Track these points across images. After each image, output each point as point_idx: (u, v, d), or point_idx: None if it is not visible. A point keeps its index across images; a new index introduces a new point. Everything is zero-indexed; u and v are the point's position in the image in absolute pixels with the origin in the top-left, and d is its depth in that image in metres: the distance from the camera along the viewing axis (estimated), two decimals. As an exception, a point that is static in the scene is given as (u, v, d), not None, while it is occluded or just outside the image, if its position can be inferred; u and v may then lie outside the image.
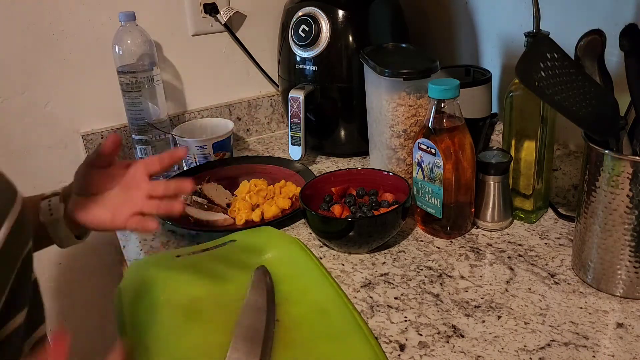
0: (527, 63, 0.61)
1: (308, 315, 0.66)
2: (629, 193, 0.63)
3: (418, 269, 0.76)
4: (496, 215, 0.82)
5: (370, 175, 0.89)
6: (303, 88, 1.03)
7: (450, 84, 0.76)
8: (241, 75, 1.23)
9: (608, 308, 0.66)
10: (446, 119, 0.78)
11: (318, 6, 1.02)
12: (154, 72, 1.03)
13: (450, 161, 0.77)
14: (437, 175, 0.78)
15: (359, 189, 0.87)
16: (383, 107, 0.90)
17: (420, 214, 0.84)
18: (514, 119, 0.81)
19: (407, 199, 0.79)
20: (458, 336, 0.63)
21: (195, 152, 1.04)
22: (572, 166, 0.87)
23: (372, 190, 0.86)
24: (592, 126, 0.64)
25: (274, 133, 1.28)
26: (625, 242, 0.65)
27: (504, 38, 0.99)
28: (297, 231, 0.87)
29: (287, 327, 0.64)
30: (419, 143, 0.80)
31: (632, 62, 0.62)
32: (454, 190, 0.79)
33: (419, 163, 0.81)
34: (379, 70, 0.87)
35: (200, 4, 1.13)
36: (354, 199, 0.85)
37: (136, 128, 1.04)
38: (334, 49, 1.01)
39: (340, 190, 0.88)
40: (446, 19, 1.11)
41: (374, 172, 0.90)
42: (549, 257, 0.76)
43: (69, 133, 1.10)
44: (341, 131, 1.09)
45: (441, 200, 0.79)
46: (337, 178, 0.89)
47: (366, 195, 0.87)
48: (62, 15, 1.03)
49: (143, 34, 1.03)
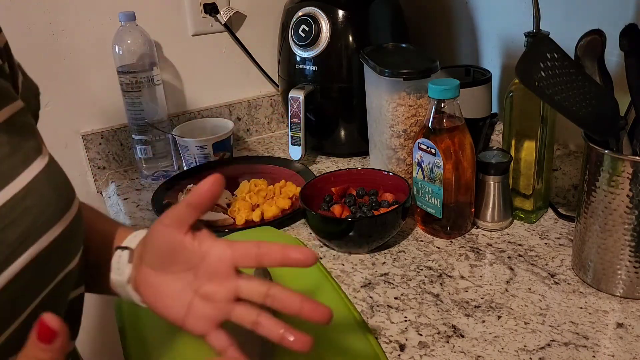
0: (527, 63, 0.61)
1: None
2: (629, 193, 0.63)
3: (418, 269, 0.76)
4: (496, 215, 0.82)
5: (370, 175, 0.89)
6: (303, 88, 1.03)
7: (450, 84, 0.76)
8: (241, 75, 1.23)
9: (608, 308, 0.66)
10: (446, 119, 0.78)
11: (318, 6, 1.02)
12: (154, 72, 1.03)
13: (450, 161, 0.77)
14: (437, 175, 0.78)
15: (359, 189, 0.87)
16: (383, 107, 0.90)
17: (420, 214, 0.84)
18: (514, 119, 0.81)
19: (407, 199, 0.79)
20: (458, 336, 0.63)
21: (195, 152, 1.04)
22: (572, 166, 0.87)
23: (372, 190, 0.86)
24: (592, 126, 0.64)
25: (274, 133, 1.28)
26: (626, 242, 0.65)
27: (504, 38, 0.99)
28: (297, 231, 0.87)
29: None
30: (419, 143, 0.80)
31: (632, 62, 0.62)
32: (454, 190, 0.79)
33: (419, 163, 0.81)
34: (379, 70, 0.87)
35: (200, 4, 1.13)
36: (354, 199, 0.85)
37: (136, 128, 1.04)
38: (334, 49, 1.01)
39: (340, 190, 0.88)
40: (446, 19, 1.11)
41: (374, 172, 0.90)
42: (549, 257, 0.76)
43: (69, 133, 1.10)
44: (341, 131, 1.09)
45: (441, 200, 0.79)
46: (337, 178, 0.89)
47: (366, 195, 0.87)
48: (62, 15, 1.03)
49: (143, 34, 1.02)
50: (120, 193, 1.04)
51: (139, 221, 0.93)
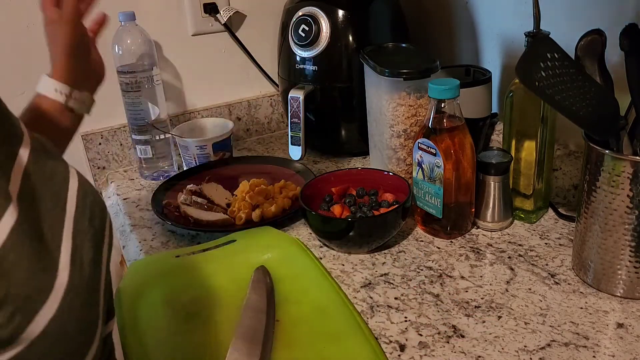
0: (527, 63, 0.61)
1: (308, 315, 0.66)
2: (629, 193, 0.63)
3: (418, 269, 0.76)
4: (496, 215, 0.82)
5: (370, 175, 0.89)
6: (303, 88, 1.03)
7: (451, 84, 0.76)
8: (241, 75, 1.23)
9: (608, 308, 0.66)
10: (446, 118, 0.78)
11: (318, 6, 1.02)
12: (153, 72, 1.03)
13: (451, 161, 0.77)
14: (437, 175, 0.78)
15: (359, 189, 0.87)
16: (383, 107, 0.90)
17: (421, 214, 0.84)
18: (515, 119, 0.81)
19: (407, 198, 0.79)
20: (458, 336, 0.63)
21: (195, 152, 1.04)
22: (572, 166, 0.87)
23: (372, 191, 0.86)
24: (592, 126, 0.64)
25: (274, 133, 1.28)
26: (626, 242, 0.65)
27: (504, 38, 0.99)
28: (297, 231, 0.87)
29: (287, 327, 0.64)
30: (419, 143, 0.80)
31: (632, 62, 0.62)
32: (454, 190, 0.79)
33: (419, 163, 0.81)
34: (379, 70, 0.87)
35: (200, 3, 1.13)
36: (354, 199, 0.85)
37: (136, 128, 1.04)
38: (334, 49, 1.01)
39: (341, 190, 0.88)
40: (446, 18, 1.11)
41: (373, 172, 0.89)
42: (549, 257, 0.76)
43: (69, 133, 1.10)
44: (341, 131, 1.09)
45: (441, 200, 0.79)
46: (337, 178, 0.89)
47: (366, 195, 0.86)
48: (62, 15, 1.03)
49: (143, 34, 1.02)
50: (120, 193, 1.04)
51: (139, 221, 0.93)
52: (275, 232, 0.82)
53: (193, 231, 0.87)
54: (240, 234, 0.81)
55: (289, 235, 0.81)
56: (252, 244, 0.79)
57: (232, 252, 0.77)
